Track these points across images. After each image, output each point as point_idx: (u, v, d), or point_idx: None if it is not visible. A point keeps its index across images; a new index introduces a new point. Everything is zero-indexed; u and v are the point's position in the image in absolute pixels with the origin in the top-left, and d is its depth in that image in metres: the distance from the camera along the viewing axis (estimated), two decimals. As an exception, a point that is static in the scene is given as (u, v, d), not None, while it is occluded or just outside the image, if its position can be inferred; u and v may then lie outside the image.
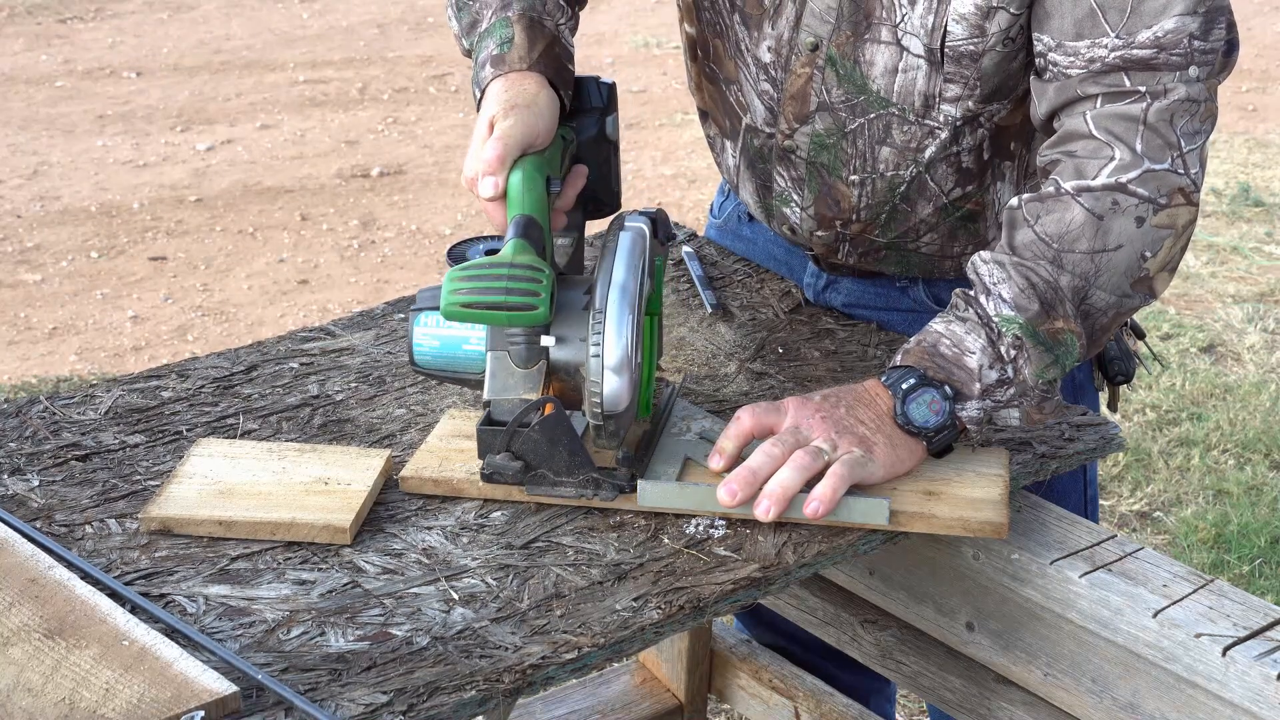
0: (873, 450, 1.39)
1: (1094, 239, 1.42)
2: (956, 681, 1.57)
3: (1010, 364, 1.42)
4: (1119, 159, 1.43)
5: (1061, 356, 1.43)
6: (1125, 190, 1.43)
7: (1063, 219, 1.43)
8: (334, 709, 1.12)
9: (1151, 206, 1.43)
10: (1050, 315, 1.42)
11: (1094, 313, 1.44)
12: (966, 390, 1.42)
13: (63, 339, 4.23)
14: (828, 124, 1.62)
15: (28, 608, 1.19)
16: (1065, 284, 1.42)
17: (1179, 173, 1.43)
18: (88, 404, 1.55)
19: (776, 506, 1.34)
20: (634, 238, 1.39)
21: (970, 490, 1.41)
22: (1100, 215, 1.43)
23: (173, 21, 7.04)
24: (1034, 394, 1.44)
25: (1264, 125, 5.89)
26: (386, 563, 1.31)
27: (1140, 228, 1.43)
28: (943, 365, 1.43)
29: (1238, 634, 1.27)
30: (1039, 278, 1.42)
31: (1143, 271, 1.44)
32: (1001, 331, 1.42)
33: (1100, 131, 1.44)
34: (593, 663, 1.21)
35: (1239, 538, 3.26)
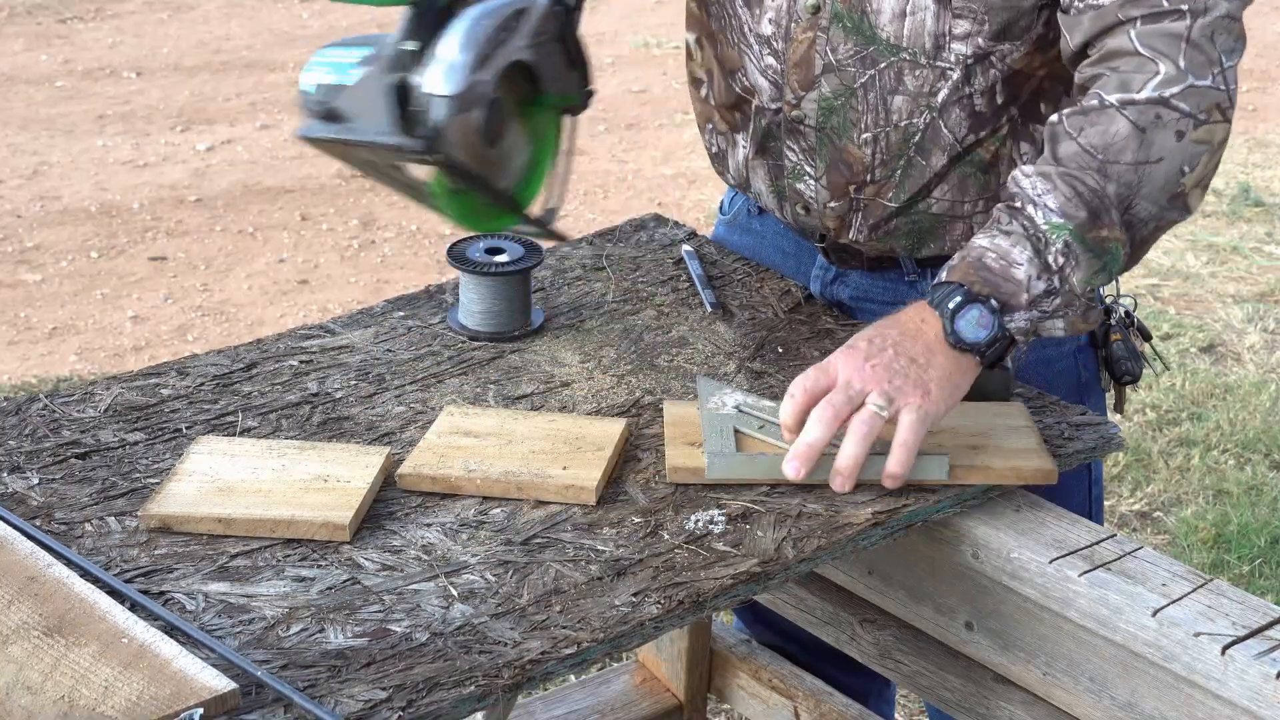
0: (928, 390, 1.41)
1: (1138, 150, 1.45)
2: (955, 681, 1.57)
3: (1058, 273, 1.44)
4: (1164, 73, 1.46)
5: (1109, 263, 1.46)
6: (1168, 104, 1.45)
7: (1107, 130, 1.46)
8: (333, 705, 1.12)
9: (1192, 121, 1.46)
10: (1097, 223, 1.44)
11: (1137, 223, 1.47)
12: (1014, 301, 1.44)
13: (63, 339, 4.23)
14: (834, 85, 1.64)
15: (27, 605, 1.19)
16: (1112, 192, 1.45)
17: (1219, 89, 1.47)
18: (87, 402, 1.55)
19: (849, 480, 1.39)
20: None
21: (1011, 442, 1.47)
22: (1144, 128, 1.45)
23: (173, 21, 7.04)
24: (1080, 303, 1.46)
25: (1264, 125, 5.89)
26: (386, 559, 1.31)
27: (1180, 142, 1.45)
28: (989, 279, 1.44)
29: (1237, 633, 1.27)
30: (1085, 186, 1.45)
31: (1180, 186, 1.47)
32: (1049, 240, 1.44)
33: (1144, 48, 1.47)
34: (592, 658, 1.21)
35: (1239, 538, 3.26)
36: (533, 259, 1.72)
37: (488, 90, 1.42)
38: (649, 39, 6.68)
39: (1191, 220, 4.99)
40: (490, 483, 1.39)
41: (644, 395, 1.60)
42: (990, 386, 1.55)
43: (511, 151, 1.52)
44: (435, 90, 1.40)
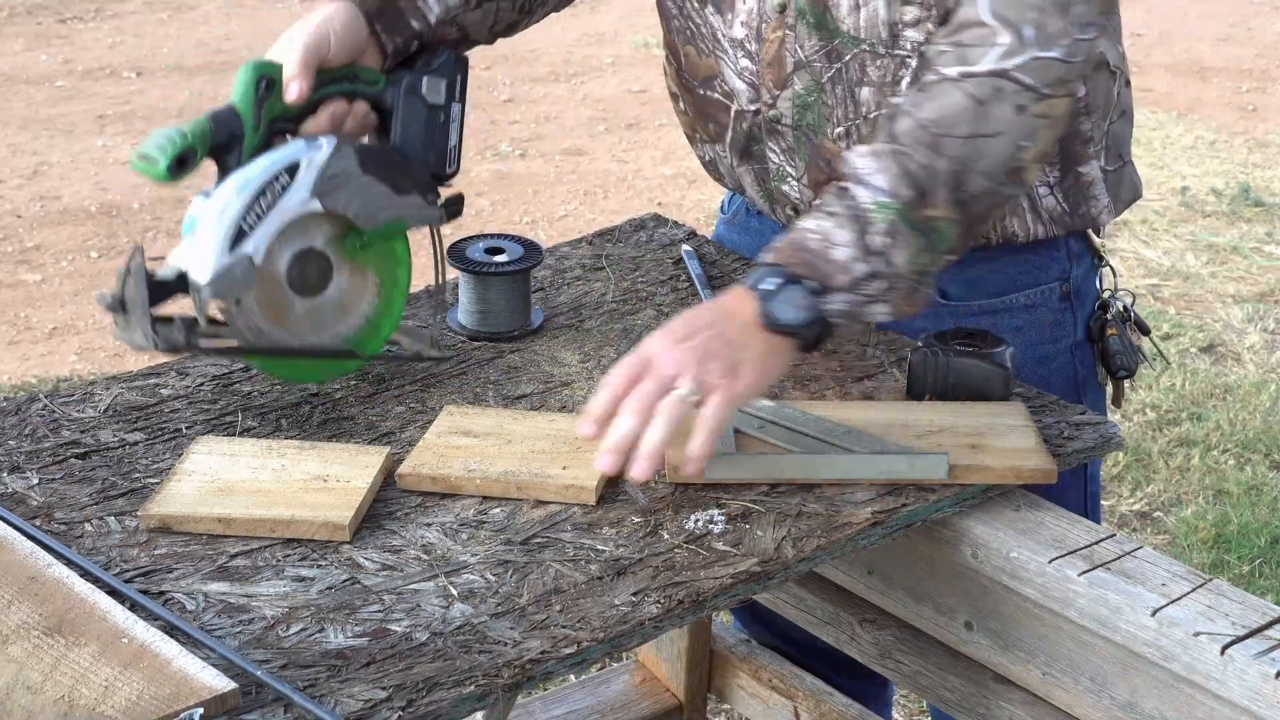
0: (739, 372, 1.38)
1: (973, 123, 1.42)
2: (955, 681, 1.57)
3: (880, 255, 1.41)
4: (1006, 45, 1.42)
5: (936, 243, 1.43)
6: (1008, 77, 1.42)
7: (943, 104, 1.43)
8: (333, 705, 1.12)
9: (1033, 95, 1.42)
10: (924, 202, 1.41)
11: (970, 199, 1.43)
12: (832, 283, 1.40)
13: (63, 339, 4.23)
14: (806, 82, 1.64)
15: (27, 605, 1.19)
16: (942, 169, 1.41)
17: (1067, 61, 1.43)
18: (87, 402, 1.55)
19: (649, 465, 1.35)
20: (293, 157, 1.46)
21: (1010, 441, 1.47)
22: (982, 100, 1.42)
23: (173, 21, 7.04)
24: (905, 283, 1.43)
25: (1264, 125, 5.89)
26: (386, 559, 1.31)
27: (1020, 116, 1.42)
28: (808, 260, 1.41)
29: (1236, 633, 1.27)
30: (915, 163, 1.41)
31: (1019, 161, 1.44)
32: (873, 220, 1.41)
33: (991, 16, 1.43)
34: (592, 657, 1.21)
35: (1239, 538, 3.26)
36: (532, 259, 1.72)
37: (249, 265, 1.44)
38: (649, 39, 6.68)
39: (1191, 220, 4.99)
40: (490, 482, 1.39)
41: (644, 395, 1.59)
42: (990, 386, 1.55)
43: (347, 294, 1.55)
44: (193, 277, 1.43)
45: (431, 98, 1.57)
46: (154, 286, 1.43)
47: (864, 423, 1.49)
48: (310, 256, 1.51)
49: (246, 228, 1.44)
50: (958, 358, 1.56)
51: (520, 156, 5.57)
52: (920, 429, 1.49)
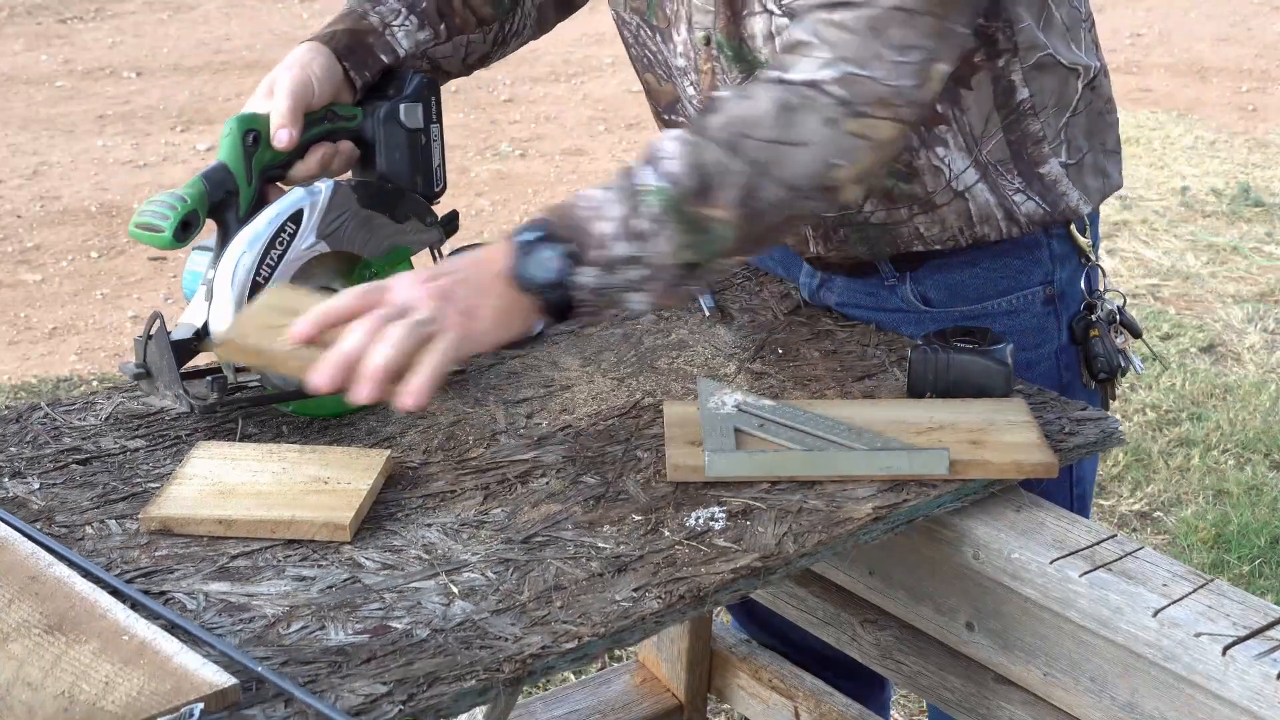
0: (476, 315, 1.35)
1: (777, 128, 1.38)
2: (956, 681, 1.57)
3: (640, 239, 1.36)
4: (821, 59, 1.40)
5: (704, 243, 1.38)
6: (819, 88, 1.38)
7: (752, 105, 1.39)
8: (334, 700, 1.12)
9: (846, 111, 1.38)
10: (705, 198, 1.36)
11: (763, 207, 1.38)
12: (587, 255, 1.36)
13: (63, 339, 4.24)
14: None
15: (28, 604, 1.19)
16: (736, 169, 1.37)
17: (885, 83, 1.38)
18: (88, 410, 1.56)
19: (370, 388, 1.29)
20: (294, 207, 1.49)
21: (1011, 436, 1.47)
22: (789, 107, 1.38)
23: (173, 21, 7.05)
24: (666, 274, 1.38)
25: (1264, 125, 5.89)
26: (386, 558, 1.31)
27: (830, 129, 1.38)
28: (571, 225, 1.36)
29: (1237, 633, 1.27)
30: (710, 158, 1.37)
31: (830, 180, 1.39)
32: (644, 202, 1.36)
33: (814, 36, 1.41)
34: (593, 652, 1.21)
35: (1239, 538, 3.26)
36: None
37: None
38: (649, 39, 6.68)
39: (1191, 220, 5.00)
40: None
41: (644, 397, 1.60)
42: (990, 383, 1.55)
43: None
44: (216, 334, 1.47)
45: (410, 123, 1.60)
46: (177, 348, 1.47)
47: (865, 420, 1.49)
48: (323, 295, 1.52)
49: (261, 280, 1.48)
50: (958, 355, 1.56)
51: (520, 156, 5.58)
52: (921, 426, 1.49)
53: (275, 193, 1.53)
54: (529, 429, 1.53)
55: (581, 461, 1.47)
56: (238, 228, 1.49)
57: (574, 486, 1.42)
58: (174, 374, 1.46)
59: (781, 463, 1.43)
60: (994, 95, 1.59)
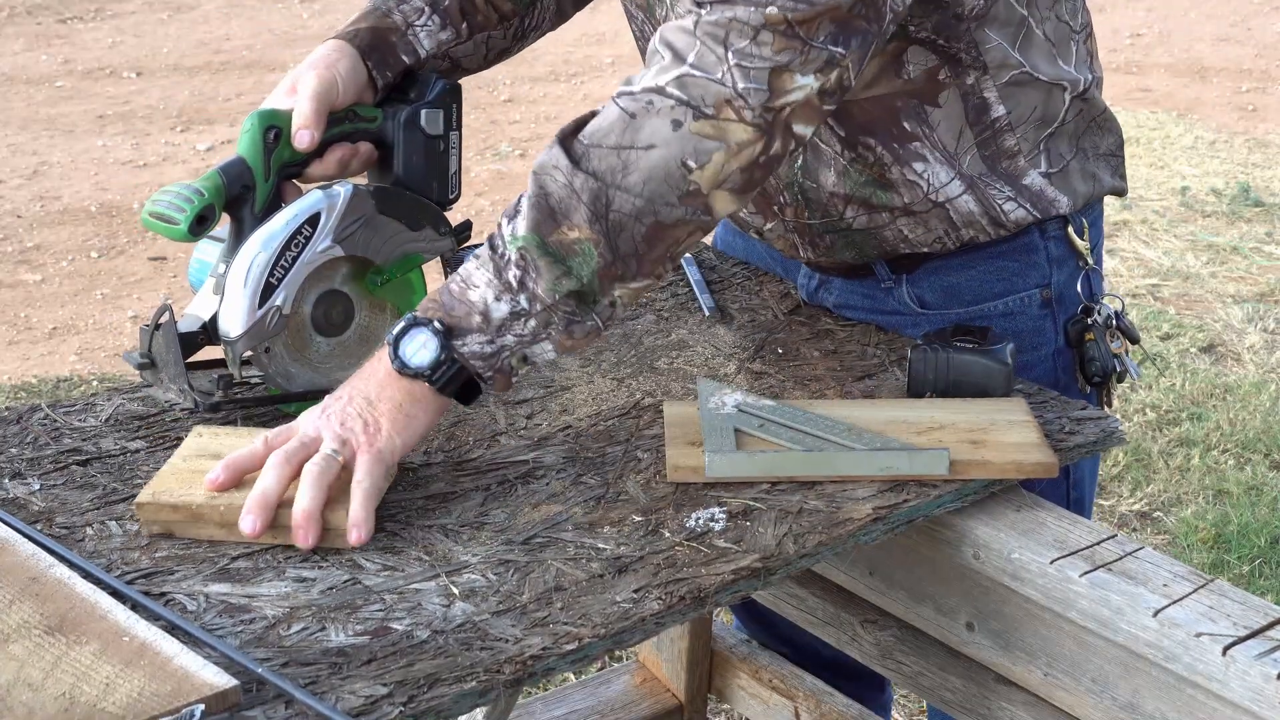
0: (379, 426, 1.36)
1: (622, 135, 1.37)
2: (956, 681, 1.57)
3: (521, 291, 1.36)
4: (662, 64, 1.40)
5: (576, 267, 1.36)
6: (662, 92, 1.38)
7: (600, 120, 1.39)
8: (334, 701, 1.12)
9: (690, 111, 1.37)
10: (556, 224, 1.36)
11: (622, 220, 1.37)
12: (464, 324, 1.37)
13: (63, 339, 4.24)
14: None
15: (28, 605, 1.19)
16: (580, 185, 1.36)
17: (726, 85, 1.37)
18: (88, 411, 1.56)
19: (308, 534, 1.30)
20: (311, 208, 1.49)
21: (1011, 436, 1.47)
22: (633, 113, 1.38)
23: (173, 21, 7.05)
24: (558, 317, 1.37)
25: (1264, 125, 5.89)
26: (387, 560, 1.31)
27: (676, 131, 1.36)
28: (445, 303, 1.38)
29: (1238, 633, 1.27)
30: (555, 183, 1.37)
31: (690, 184, 1.37)
32: (508, 256, 1.36)
33: (661, 44, 1.41)
34: (593, 654, 1.21)
35: (1239, 538, 3.26)
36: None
37: (279, 316, 1.48)
38: (649, 39, 6.68)
39: (1191, 220, 5.00)
40: (235, 510, 1.31)
41: (644, 397, 1.60)
42: (991, 382, 1.55)
43: (368, 328, 1.59)
44: (225, 332, 1.47)
45: (430, 129, 1.60)
46: (184, 341, 1.47)
47: (865, 420, 1.49)
48: (333, 297, 1.55)
49: (275, 281, 1.47)
50: (958, 354, 1.56)
51: (520, 156, 5.58)
52: (921, 425, 1.49)
53: (292, 190, 1.53)
54: (529, 430, 1.53)
55: (581, 462, 1.47)
56: (253, 224, 1.48)
57: (574, 487, 1.42)
58: (179, 367, 1.46)
59: (781, 463, 1.43)
60: (965, 112, 1.59)
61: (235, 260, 1.47)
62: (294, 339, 1.52)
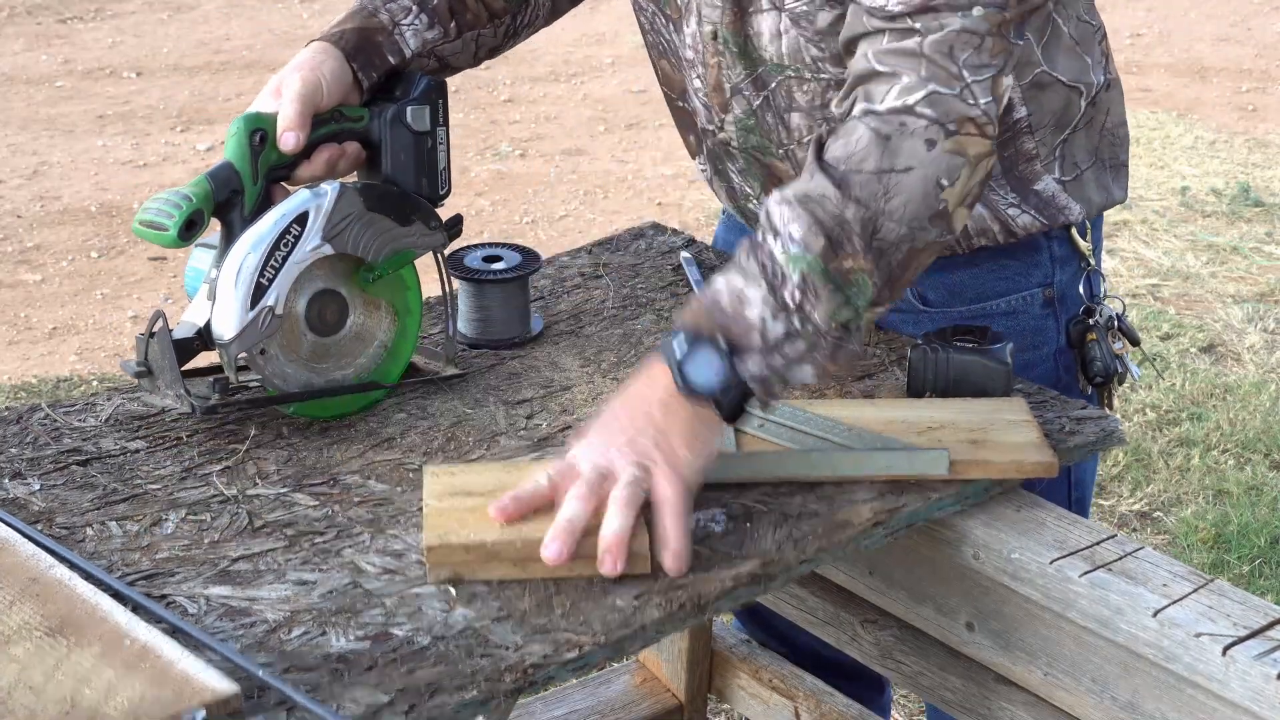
0: (675, 450, 1.31)
1: (881, 159, 1.36)
2: (956, 681, 1.57)
3: (796, 312, 1.33)
4: (904, 83, 1.39)
5: (854, 297, 1.34)
6: (912, 112, 1.38)
7: (849, 142, 1.37)
8: (336, 709, 1.12)
9: (941, 130, 1.37)
10: (838, 252, 1.33)
11: (887, 248, 1.36)
12: (745, 343, 1.32)
13: (63, 339, 4.23)
14: (744, 107, 1.65)
15: (29, 606, 1.19)
16: (851, 215, 1.34)
17: (967, 102, 1.38)
18: (88, 411, 1.56)
19: (618, 559, 1.27)
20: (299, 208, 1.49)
21: (1011, 436, 1.47)
22: (887, 135, 1.37)
23: (173, 21, 7.05)
24: (826, 343, 1.34)
25: (1264, 125, 5.89)
26: (387, 563, 1.31)
27: (931, 151, 1.36)
28: (720, 320, 1.33)
29: (1238, 633, 1.27)
30: (825, 212, 1.34)
31: (941, 203, 1.37)
32: (786, 275, 1.33)
33: (884, 66, 1.40)
34: (594, 661, 1.21)
35: (1239, 538, 3.26)
36: (530, 266, 1.73)
37: (271, 317, 1.48)
38: (649, 39, 6.68)
39: (1191, 220, 4.99)
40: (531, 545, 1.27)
41: (645, 397, 1.60)
42: (991, 382, 1.55)
43: (364, 326, 1.58)
44: (218, 335, 1.47)
45: (417, 126, 1.59)
46: (179, 348, 1.47)
47: (864, 420, 1.49)
48: (326, 297, 1.54)
49: (265, 281, 1.47)
50: (958, 354, 1.56)
51: (520, 156, 5.58)
52: (921, 425, 1.49)
53: (280, 193, 1.53)
54: (529, 430, 1.53)
55: (582, 464, 1.47)
56: (242, 227, 1.48)
57: (575, 489, 1.42)
58: (175, 373, 1.46)
59: (781, 464, 1.43)
60: None
61: (225, 263, 1.47)
62: (289, 339, 1.52)
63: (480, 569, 1.27)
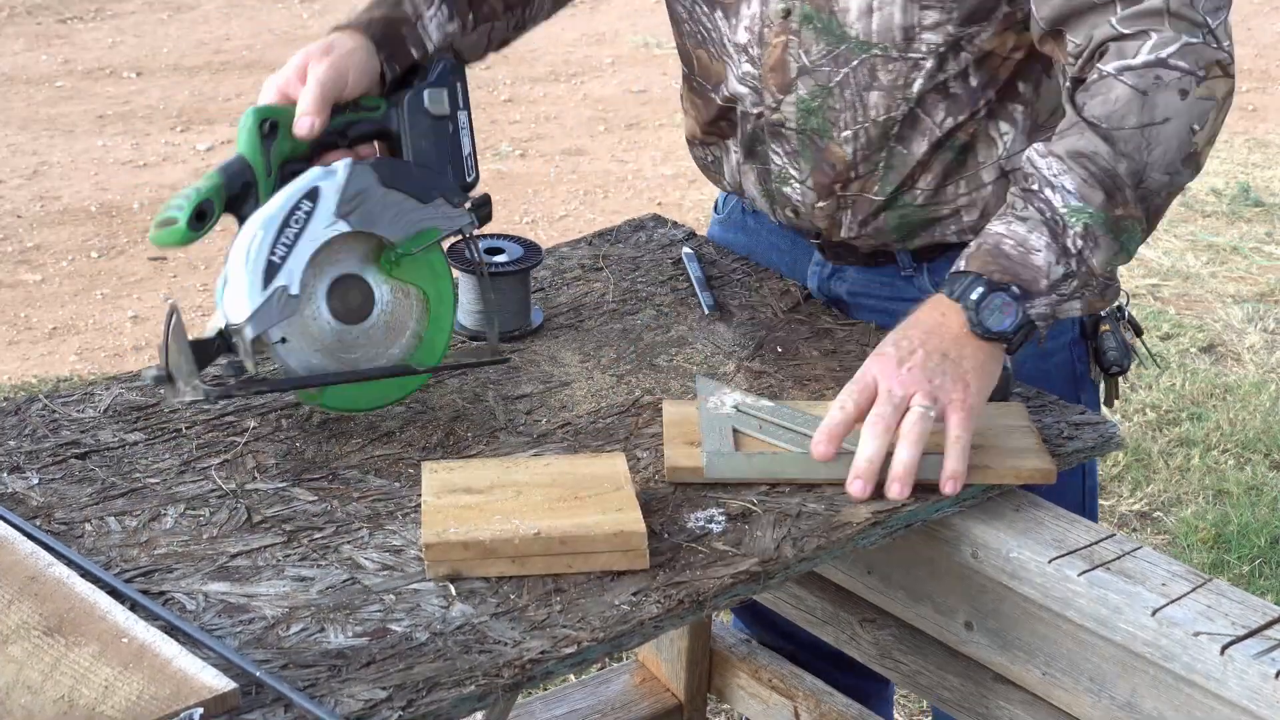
0: (968, 382, 1.44)
1: (1141, 113, 1.46)
2: (955, 680, 1.57)
3: (1076, 257, 1.46)
4: (1156, 39, 1.47)
5: (1126, 243, 1.48)
6: (1166, 65, 1.47)
7: (1107, 99, 1.48)
8: (333, 705, 1.12)
9: (1193, 79, 1.47)
10: (1113, 202, 1.46)
11: (1149, 195, 1.48)
12: (1034, 288, 1.46)
13: (63, 339, 4.23)
14: (810, 87, 1.65)
15: (27, 605, 1.19)
16: (1123, 170, 1.46)
17: (1212, 46, 1.48)
18: (86, 402, 1.55)
19: (905, 486, 1.40)
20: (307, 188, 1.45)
21: (1010, 442, 1.48)
22: (1144, 90, 1.47)
23: (173, 21, 7.05)
24: (1097, 283, 1.48)
25: (1264, 125, 5.89)
26: (386, 559, 1.31)
27: (1185, 100, 1.47)
28: (1008, 266, 1.46)
29: (1236, 633, 1.27)
30: (1098, 168, 1.46)
31: (1192, 146, 1.48)
32: (1068, 224, 1.46)
33: (1129, 27, 1.48)
34: (592, 657, 1.21)
35: (1239, 538, 3.26)
36: (531, 259, 1.72)
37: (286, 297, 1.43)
38: (649, 39, 6.68)
39: (1191, 220, 4.99)
40: (527, 542, 1.29)
41: (643, 395, 1.60)
42: None
43: (393, 315, 1.53)
44: (231, 319, 1.42)
45: (436, 110, 1.55)
46: (197, 347, 1.42)
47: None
48: (348, 283, 1.50)
49: (277, 260, 1.43)
50: (958, 357, 1.55)
51: (520, 156, 5.57)
52: None
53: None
54: (528, 426, 1.53)
55: (581, 462, 1.47)
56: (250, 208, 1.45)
57: (573, 487, 1.42)
58: (191, 365, 1.41)
59: (779, 464, 1.43)
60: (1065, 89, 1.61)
61: (234, 245, 1.43)
62: (313, 330, 1.48)
63: (478, 565, 1.27)
